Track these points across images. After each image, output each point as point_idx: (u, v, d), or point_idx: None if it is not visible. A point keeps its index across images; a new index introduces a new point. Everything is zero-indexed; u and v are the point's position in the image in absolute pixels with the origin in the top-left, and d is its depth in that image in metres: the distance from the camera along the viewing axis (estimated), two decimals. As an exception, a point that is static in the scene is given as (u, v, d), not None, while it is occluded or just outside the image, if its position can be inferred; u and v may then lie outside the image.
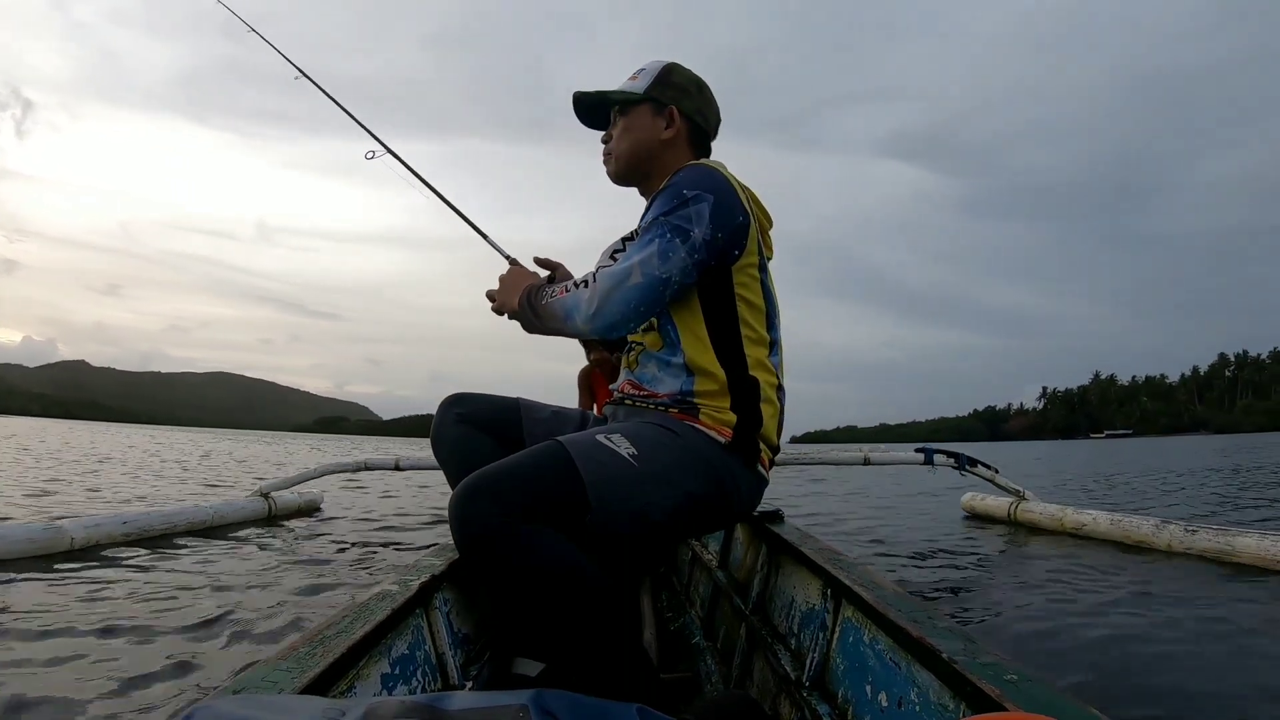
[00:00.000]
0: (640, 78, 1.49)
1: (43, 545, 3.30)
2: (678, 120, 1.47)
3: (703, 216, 1.25)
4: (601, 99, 1.52)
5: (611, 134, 1.53)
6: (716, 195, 1.27)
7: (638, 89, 1.48)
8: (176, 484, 8.01)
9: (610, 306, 1.27)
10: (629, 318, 1.28)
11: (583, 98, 1.53)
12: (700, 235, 1.25)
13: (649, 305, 1.28)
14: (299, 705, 0.65)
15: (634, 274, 1.26)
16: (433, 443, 1.52)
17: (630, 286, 1.26)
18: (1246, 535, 3.36)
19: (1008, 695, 0.67)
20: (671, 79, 1.49)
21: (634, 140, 1.48)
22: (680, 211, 1.26)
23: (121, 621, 2.28)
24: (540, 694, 0.66)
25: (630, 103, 1.49)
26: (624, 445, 1.20)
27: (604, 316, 1.28)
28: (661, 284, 1.26)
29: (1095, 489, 8.74)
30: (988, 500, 5.29)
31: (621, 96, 1.49)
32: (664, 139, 1.47)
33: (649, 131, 1.47)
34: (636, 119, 1.48)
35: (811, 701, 1.09)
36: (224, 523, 4.54)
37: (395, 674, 1.02)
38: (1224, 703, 1.65)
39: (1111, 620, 2.31)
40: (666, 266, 1.25)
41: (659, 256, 1.25)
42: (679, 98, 1.48)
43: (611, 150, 1.53)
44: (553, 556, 1.08)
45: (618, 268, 1.29)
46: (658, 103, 1.47)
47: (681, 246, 1.25)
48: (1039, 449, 49.00)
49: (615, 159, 1.52)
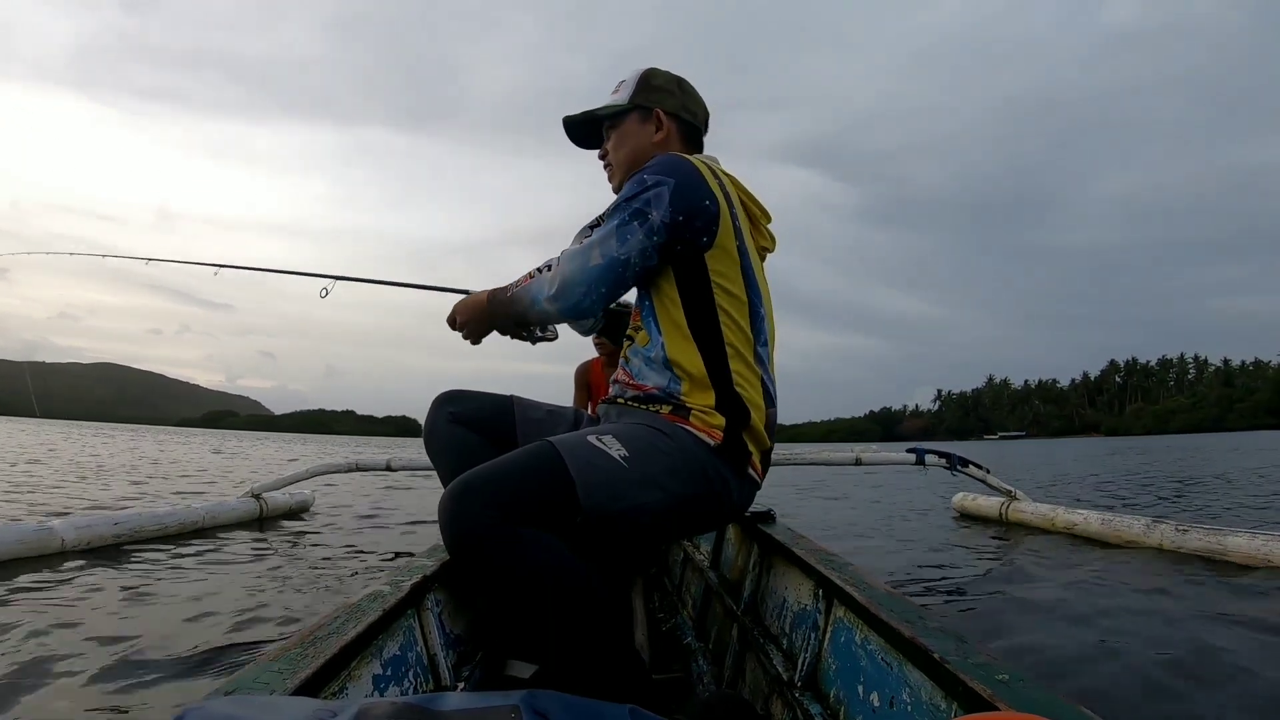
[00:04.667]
0: (623, 89, 1.54)
1: (33, 547, 3.28)
2: (665, 121, 1.50)
3: (662, 199, 1.28)
4: (589, 117, 1.57)
5: (607, 149, 1.57)
6: (678, 179, 1.30)
7: (622, 100, 1.52)
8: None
9: (572, 287, 1.31)
10: (591, 297, 1.32)
11: (572, 120, 1.58)
12: (659, 218, 1.28)
13: (609, 285, 1.31)
14: (291, 706, 0.65)
15: (594, 255, 1.30)
16: (425, 442, 1.52)
17: (590, 267, 1.30)
18: (1237, 534, 3.39)
19: (1000, 695, 0.67)
20: (652, 83, 1.52)
21: (629, 149, 1.52)
22: (641, 196, 1.30)
23: (112, 623, 2.27)
24: (532, 694, 0.66)
25: (618, 115, 1.53)
26: (615, 446, 1.20)
27: (568, 297, 1.32)
28: (621, 265, 1.29)
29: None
30: (979, 500, 5.31)
31: (608, 110, 1.54)
32: (656, 141, 1.50)
33: (641, 138, 1.51)
34: (627, 129, 1.52)
35: (804, 702, 1.10)
36: (215, 523, 4.52)
37: (387, 675, 1.02)
38: (1218, 702, 1.65)
39: (1102, 620, 2.32)
40: (625, 248, 1.28)
41: (617, 238, 1.29)
42: (662, 100, 1.51)
43: (610, 163, 1.56)
44: (542, 557, 1.08)
45: (579, 249, 1.33)
46: (643, 109, 1.51)
47: (640, 229, 1.28)
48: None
49: (615, 170, 1.55)
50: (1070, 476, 11.27)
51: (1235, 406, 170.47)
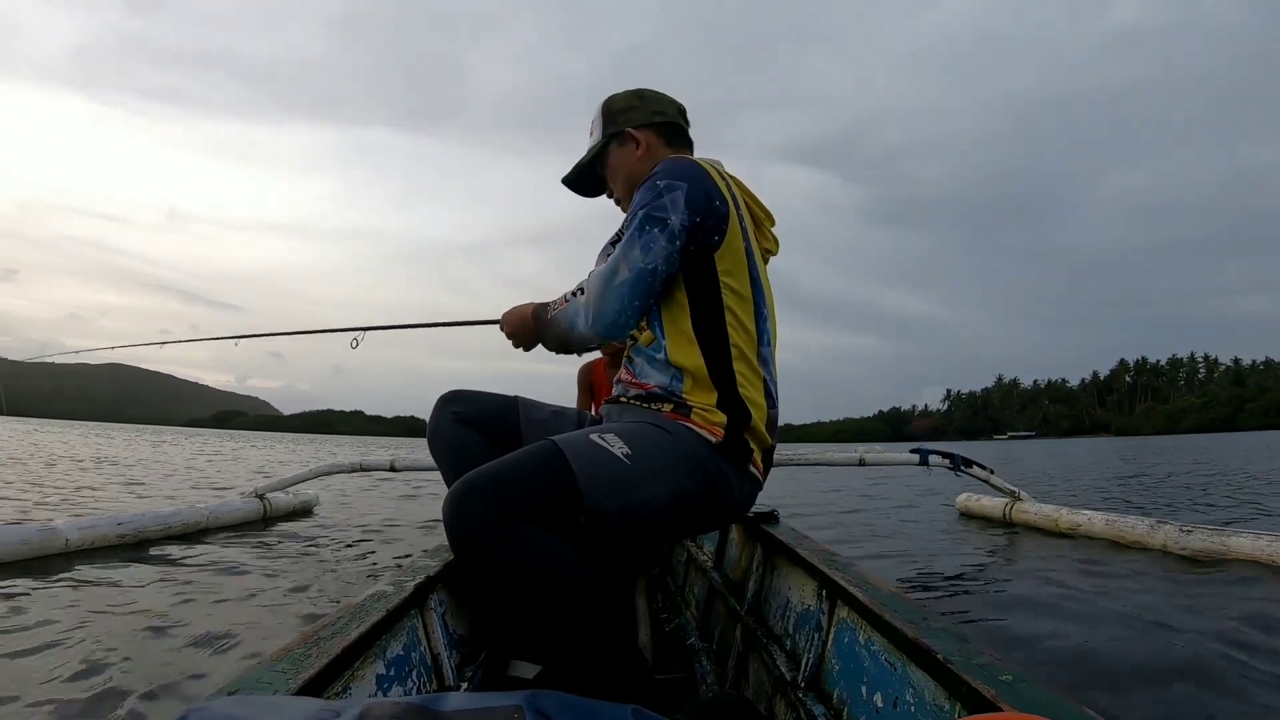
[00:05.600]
0: (594, 128, 1.59)
1: (37, 547, 3.29)
2: (639, 135, 1.53)
3: (678, 203, 1.29)
4: (580, 170, 1.61)
5: (610, 187, 1.61)
6: (690, 182, 1.31)
7: (597, 139, 1.57)
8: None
9: (606, 306, 1.32)
10: (626, 313, 1.32)
11: (568, 178, 1.64)
12: (678, 221, 1.29)
13: (641, 298, 1.32)
14: (294, 706, 0.65)
15: (621, 270, 1.30)
16: (429, 442, 1.52)
17: (619, 283, 1.30)
18: (1241, 535, 3.38)
19: (1003, 696, 0.67)
20: (613, 109, 1.56)
21: (622, 177, 1.55)
22: (657, 202, 1.30)
23: (115, 623, 2.27)
24: (535, 694, 0.66)
25: (601, 152, 1.57)
26: (618, 445, 1.20)
27: (603, 318, 1.33)
28: (650, 275, 1.30)
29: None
30: (983, 501, 5.30)
31: (590, 156, 1.58)
32: (639, 157, 1.53)
33: (627, 161, 1.54)
34: (612, 161, 1.56)
35: (807, 702, 1.09)
36: (219, 524, 4.53)
37: (390, 675, 1.02)
38: (1222, 702, 1.65)
39: (1106, 621, 2.32)
40: (650, 257, 1.29)
41: (641, 249, 1.29)
42: (628, 118, 1.54)
43: (617, 197, 1.60)
44: (545, 557, 1.08)
45: (605, 268, 1.33)
46: (617, 136, 1.54)
47: (661, 235, 1.29)
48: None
49: (623, 201, 1.58)
50: (1079, 478, 11.24)
51: (1246, 406, 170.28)
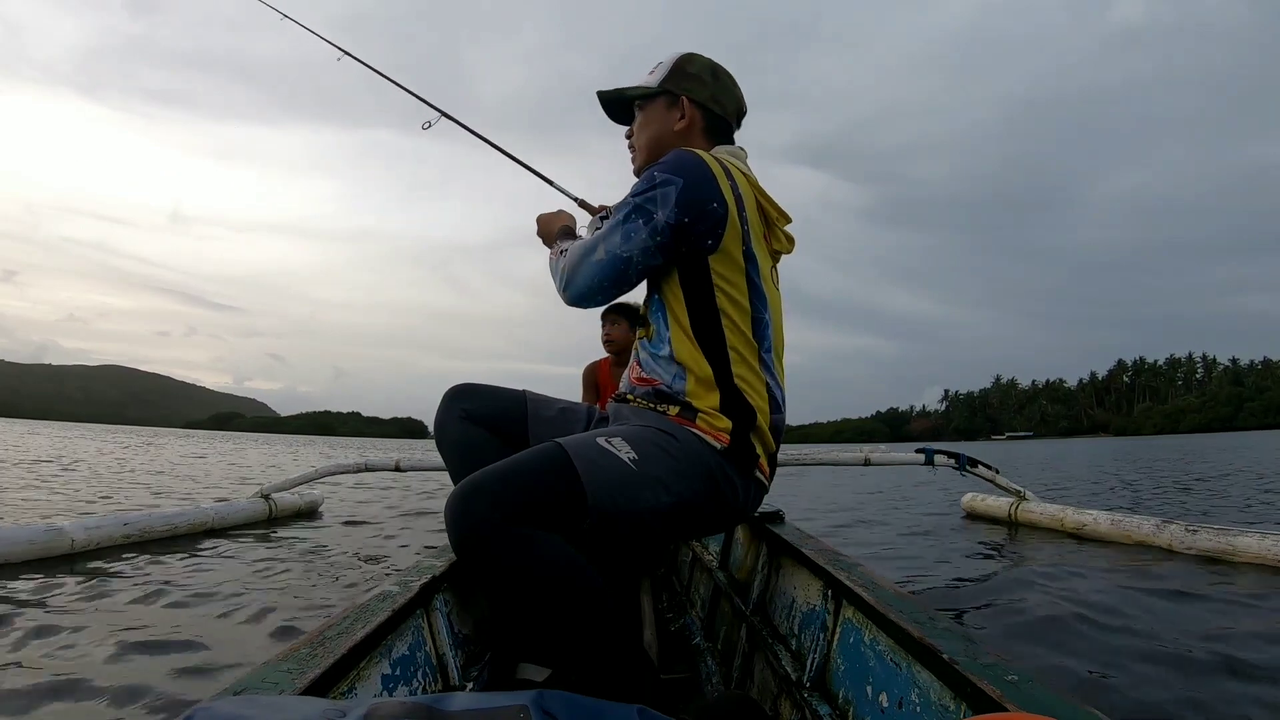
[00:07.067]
0: (657, 71, 1.51)
1: (43, 548, 3.30)
2: (689, 110, 1.47)
3: (668, 199, 1.27)
4: (620, 96, 1.55)
5: (633, 129, 1.55)
6: (686, 179, 1.28)
7: (653, 83, 1.50)
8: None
9: (577, 279, 1.35)
10: (594, 290, 1.35)
11: (604, 95, 1.57)
12: (663, 218, 1.27)
13: (612, 281, 1.33)
14: (300, 706, 0.65)
15: (599, 250, 1.32)
16: (436, 437, 1.51)
17: (593, 262, 1.32)
18: (1247, 535, 3.36)
19: (1008, 696, 0.67)
20: (685, 70, 1.49)
21: (650, 134, 1.50)
22: (648, 194, 1.28)
23: (121, 624, 2.28)
24: (540, 694, 0.66)
25: (647, 97, 1.51)
26: (624, 449, 1.19)
27: (572, 288, 1.37)
28: (623, 263, 1.30)
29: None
30: (988, 501, 5.29)
31: (637, 92, 1.52)
32: (677, 130, 1.47)
33: (664, 124, 1.49)
34: (652, 113, 1.50)
35: (812, 702, 1.09)
36: (225, 524, 4.55)
37: (396, 675, 1.02)
38: (1228, 702, 1.64)
39: (1112, 621, 2.31)
40: (628, 246, 1.29)
41: (622, 236, 1.29)
42: (692, 88, 1.48)
43: (633, 144, 1.55)
44: (549, 558, 1.08)
45: (587, 241, 1.35)
46: (671, 95, 1.48)
47: (644, 228, 1.28)
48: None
49: (638, 153, 1.54)
50: (1078, 478, 11.21)
51: (1246, 406, 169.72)
